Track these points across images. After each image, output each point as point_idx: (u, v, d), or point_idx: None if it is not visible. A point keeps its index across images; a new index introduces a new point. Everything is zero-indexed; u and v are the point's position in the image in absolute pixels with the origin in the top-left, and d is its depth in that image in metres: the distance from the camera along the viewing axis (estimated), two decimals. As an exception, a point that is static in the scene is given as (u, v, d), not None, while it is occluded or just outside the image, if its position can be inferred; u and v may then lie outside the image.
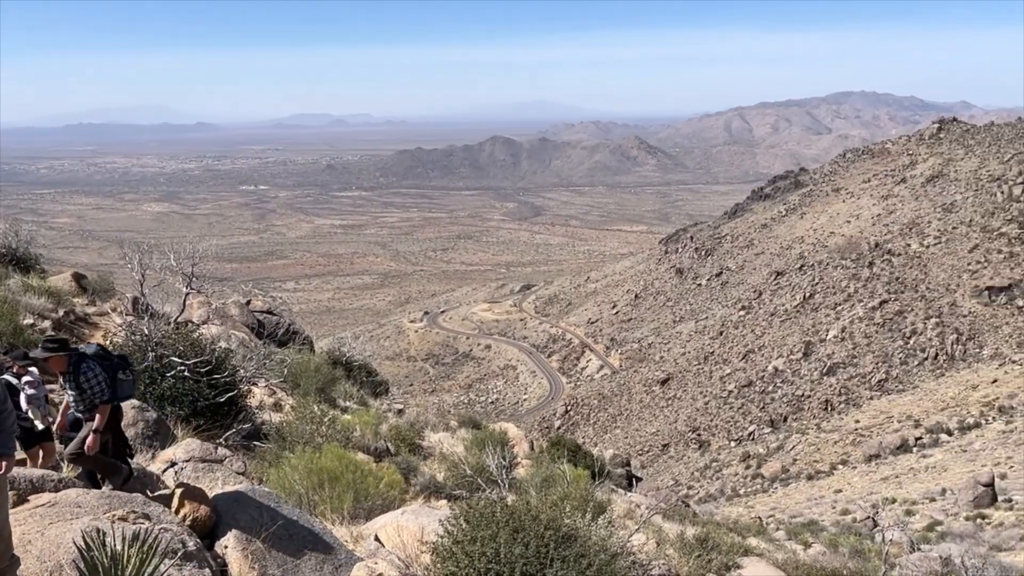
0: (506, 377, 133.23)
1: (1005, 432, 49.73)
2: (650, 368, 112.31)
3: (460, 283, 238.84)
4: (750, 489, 58.67)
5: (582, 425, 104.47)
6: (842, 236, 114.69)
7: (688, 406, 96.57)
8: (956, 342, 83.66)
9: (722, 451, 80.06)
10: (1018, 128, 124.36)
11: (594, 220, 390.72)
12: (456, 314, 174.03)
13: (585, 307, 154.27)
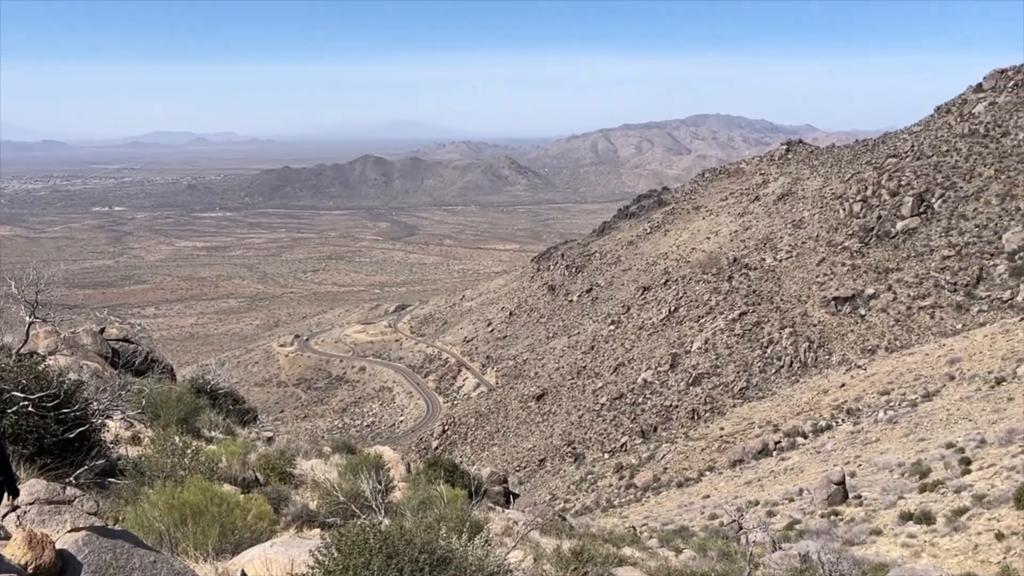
0: (382, 399, 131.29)
1: (853, 433, 53.28)
2: (526, 384, 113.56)
3: (332, 305, 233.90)
4: (624, 499, 60.14)
5: (460, 444, 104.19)
6: (703, 252, 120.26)
7: (563, 420, 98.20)
8: (808, 350, 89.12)
9: (597, 463, 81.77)
10: (856, 150, 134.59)
11: (467, 239, 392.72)
12: (328, 336, 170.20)
13: (461, 326, 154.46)
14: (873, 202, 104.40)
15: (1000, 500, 22.65)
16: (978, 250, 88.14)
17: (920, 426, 47.72)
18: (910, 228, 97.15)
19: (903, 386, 63.07)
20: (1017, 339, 62.64)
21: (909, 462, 35.26)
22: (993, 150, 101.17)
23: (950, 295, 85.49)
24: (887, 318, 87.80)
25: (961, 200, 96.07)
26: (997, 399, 47.30)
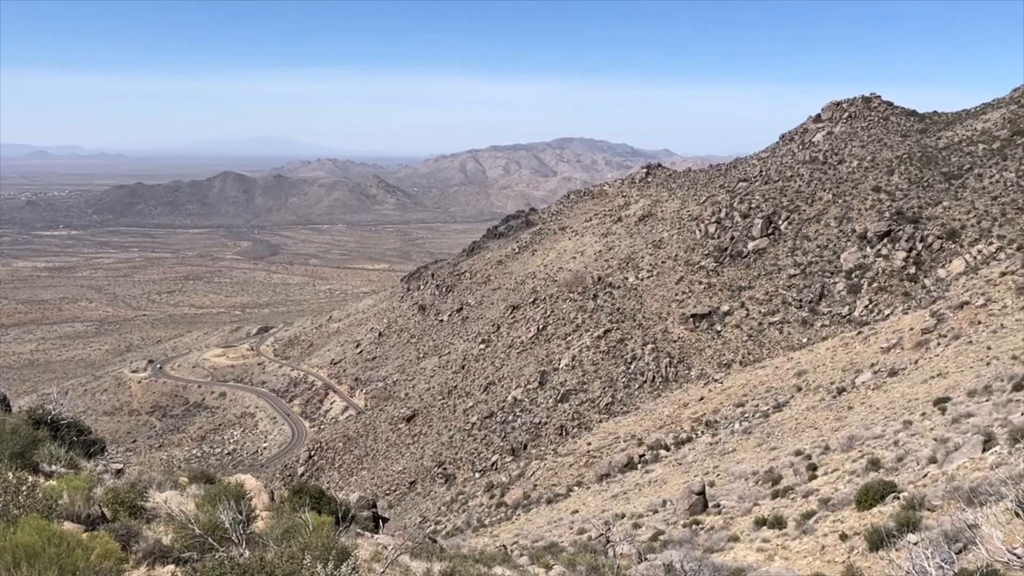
0: (243, 426, 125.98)
1: (712, 444, 55.72)
2: (395, 406, 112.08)
3: (190, 328, 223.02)
4: (495, 518, 60.21)
5: (327, 470, 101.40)
6: (569, 271, 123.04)
7: (434, 441, 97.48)
8: (669, 365, 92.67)
9: (468, 483, 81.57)
10: (710, 173, 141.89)
11: (335, 258, 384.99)
12: (186, 361, 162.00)
13: (328, 347, 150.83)
14: (726, 223, 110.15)
15: (843, 503, 24.19)
16: (820, 269, 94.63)
17: (772, 435, 50.44)
18: (760, 248, 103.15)
19: (756, 398, 66.58)
20: (855, 351, 67.53)
21: (763, 470, 37.13)
22: (831, 176, 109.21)
23: (796, 311, 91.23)
24: (741, 333, 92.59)
25: (804, 222, 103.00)
26: (839, 408, 50.72)
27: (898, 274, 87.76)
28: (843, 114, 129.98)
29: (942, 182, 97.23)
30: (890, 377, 54.44)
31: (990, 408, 31.43)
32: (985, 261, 79.04)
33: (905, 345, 62.94)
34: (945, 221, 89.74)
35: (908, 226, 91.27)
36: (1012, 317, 56.78)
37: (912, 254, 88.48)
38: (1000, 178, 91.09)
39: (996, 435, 24.90)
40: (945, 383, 44.62)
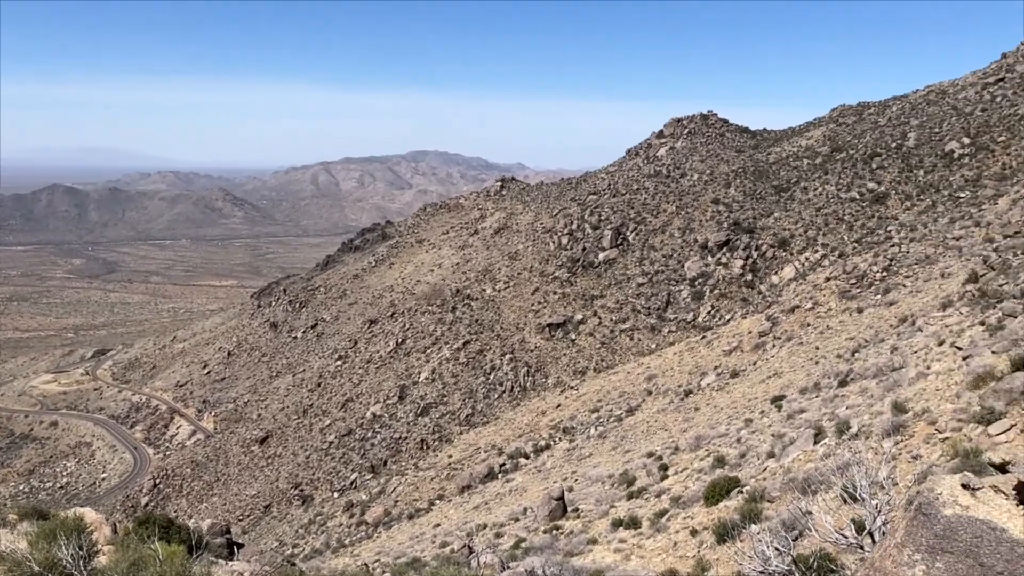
0: (79, 456, 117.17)
1: (570, 450, 57.11)
2: (248, 427, 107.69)
3: (15, 353, 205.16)
4: (355, 537, 59.01)
5: (175, 498, 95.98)
6: (427, 284, 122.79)
7: (289, 462, 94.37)
8: (527, 374, 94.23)
9: (326, 503, 79.50)
10: (562, 187, 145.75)
11: (178, 275, 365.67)
12: (10, 389, 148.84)
13: (173, 369, 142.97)
14: (578, 235, 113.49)
15: (693, 500, 25.45)
16: (666, 277, 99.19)
17: (626, 439, 52.30)
18: (610, 258, 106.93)
19: (610, 403, 68.82)
20: (700, 355, 71.22)
21: (618, 473, 38.42)
22: (674, 189, 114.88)
23: (645, 318, 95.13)
24: (594, 341, 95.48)
25: (651, 233, 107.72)
26: (687, 409, 53.29)
27: (737, 281, 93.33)
28: (684, 130, 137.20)
29: (773, 194, 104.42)
30: (732, 378, 57.78)
31: (819, 404, 33.96)
32: (812, 268, 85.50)
33: (745, 347, 67.02)
34: (776, 231, 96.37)
35: (744, 236, 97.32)
36: (836, 319, 61.68)
37: (748, 262, 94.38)
38: (823, 191, 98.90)
39: (825, 428, 26.94)
40: (780, 382, 47.85)
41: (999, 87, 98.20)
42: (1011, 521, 5.23)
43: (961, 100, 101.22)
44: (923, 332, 39.14)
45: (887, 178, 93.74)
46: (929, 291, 53.47)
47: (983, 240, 59.00)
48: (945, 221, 74.55)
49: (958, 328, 35.43)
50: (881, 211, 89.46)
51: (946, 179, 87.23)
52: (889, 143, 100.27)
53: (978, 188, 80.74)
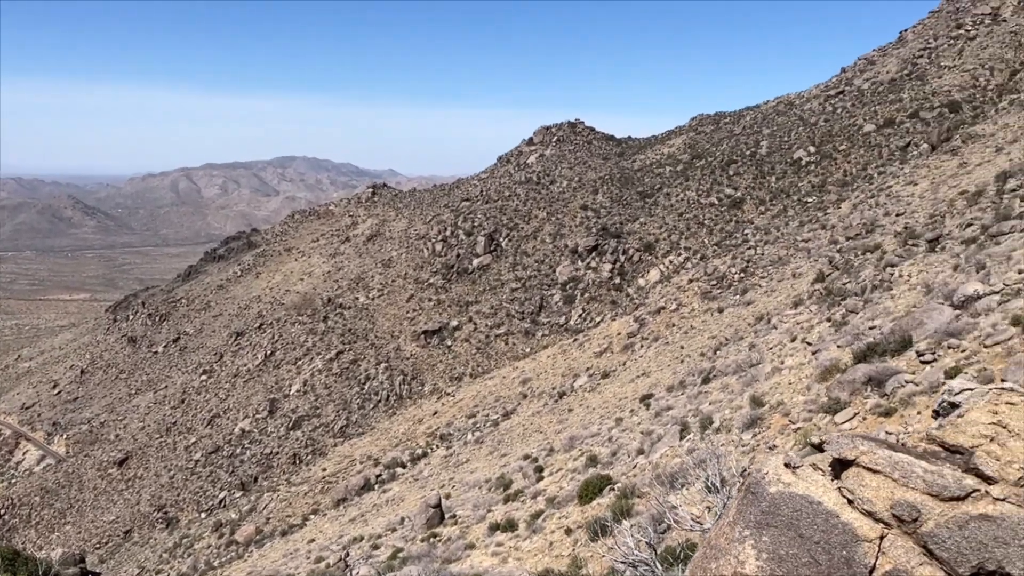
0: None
1: (447, 456, 56.92)
2: (104, 449, 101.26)
3: None
4: (225, 558, 56.55)
5: (22, 528, 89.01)
6: (297, 293, 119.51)
7: (152, 484, 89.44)
8: (403, 382, 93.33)
9: (193, 525, 75.83)
10: (435, 193, 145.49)
11: (22, 289, 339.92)
12: None
13: (17, 391, 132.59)
14: (452, 241, 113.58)
15: (567, 499, 25.89)
16: (538, 282, 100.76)
17: (502, 443, 52.65)
18: (484, 264, 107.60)
19: (486, 408, 69.15)
20: (572, 357, 72.69)
21: (495, 477, 38.61)
22: (545, 195, 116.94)
23: (519, 323, 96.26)
24: (470, 347, 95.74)
25: (523, 239, 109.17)
26: (560, 411, 54.23)
27: (606, 284, 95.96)
28: (552, 138, 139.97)
29: (638, 200, 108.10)
30: (603, 379, 59.29)
31: (685, 400, 35.32)
32: (676, 270, 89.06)
33: (615, 349, 68.95)
34: (642, 235, 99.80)
35: (612, 240, 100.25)
36: (699, 319, 64.44)
37: (617, 266, 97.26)
38: (684, 196, 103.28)
39: (690, 424, 28.04)
40: (649, 381, 49.49)
41: (839, 99, 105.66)
42: (826, 495, 5.76)
43: (807, 111, 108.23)
44: (777, 329, 41.44)
45: (743, 184, 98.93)
46: (782, 290, 56.74)
47: (828, 242, 63.20)
48: (795, 224, 79.41)
49: (808, 324, 37.74)
50: (738, 215, 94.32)
51: (795, 185, 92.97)
52: (744, 151, 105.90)
53: (823, 193, 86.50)
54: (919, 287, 31.94)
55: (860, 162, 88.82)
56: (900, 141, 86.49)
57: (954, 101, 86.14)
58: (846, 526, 5.52)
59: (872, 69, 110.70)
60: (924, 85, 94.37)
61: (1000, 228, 32.75)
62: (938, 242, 38.94)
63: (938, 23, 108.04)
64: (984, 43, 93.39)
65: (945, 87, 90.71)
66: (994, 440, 5.62)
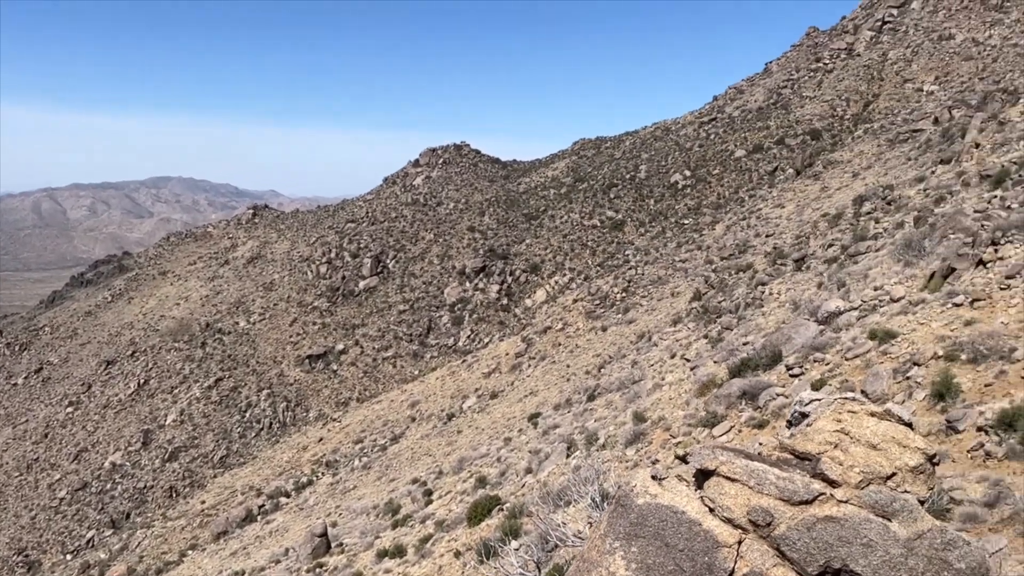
0: None
1: (333, 484, 55.66)
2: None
3: None
4: (94, 603, 53.23)
5: None
6: (173, 319, 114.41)
7: (11, 525, 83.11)
8: (287, 409, 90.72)
9: (57, 568, 70.94)
10: (319, 215, 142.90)
11: None
12: None
13: None
14: (337, 263, 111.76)
15: (456, 522, 25.85)
16: (426, 304, 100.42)
17: (390, 467, 52.01)
18: (371, 287, 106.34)
19: (374, 432, 68.15)
20: (462, 378, 72.73)
21: (383, 502, 38.09)
22: (432, 217, 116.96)
23: (407, 345, 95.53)
24: (356, 371, 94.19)
25: (410, 260, 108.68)
26: (450, 433, 54.11)
27: (493, 305, 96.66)
28: (439, 160, 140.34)
29: (524, 222, 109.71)
30: (492, 399, 59.59)
31: (571, 418, 35.99)
32: (561, 290, 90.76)
33: (503, 369, 69.46)
34: (528, 256, 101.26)
35: (499, 262, 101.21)
36: (584, 338, 65.87)
37: (504, 287, 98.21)
38: (568, 218, 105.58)
39: (576, 441, 28.59)
40: (536, 400, 50.11)
41: (712, 126, 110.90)
42: (689, 504, 6.09)
43: (682, 136, 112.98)
44: (658, 346, 42.90)
45: (624, 206, 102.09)
46: (662, 309, 58.80)
47: (704, 262, 66.03)
48: (673, 245, 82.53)
49: (687, 341, 39.25)
50: (619, 237, 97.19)
51: (672, 207, 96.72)
52: (624, 174, 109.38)
53: (699, 216, 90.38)
54: (787, 304, 33.82)
55: (732, 185, 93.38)
56: (768, 166, 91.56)
57: (815, 129, 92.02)
58: (708, 533, 5.86)
59: (741, 98, 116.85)
60: (788, 114, 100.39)
61: (858, 248, 35.15)
62: (804, 261, 41.39)
63: (800, 56, 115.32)
64: (841, 76, 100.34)
65: (807, 116, 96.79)
66: (838, 446, 6.10)
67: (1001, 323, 16.98)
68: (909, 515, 5.95)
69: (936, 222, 28.18)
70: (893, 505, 5.96)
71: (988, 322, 17.27)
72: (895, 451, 6.26)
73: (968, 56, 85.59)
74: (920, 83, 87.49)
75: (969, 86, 75.41)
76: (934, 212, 31.02)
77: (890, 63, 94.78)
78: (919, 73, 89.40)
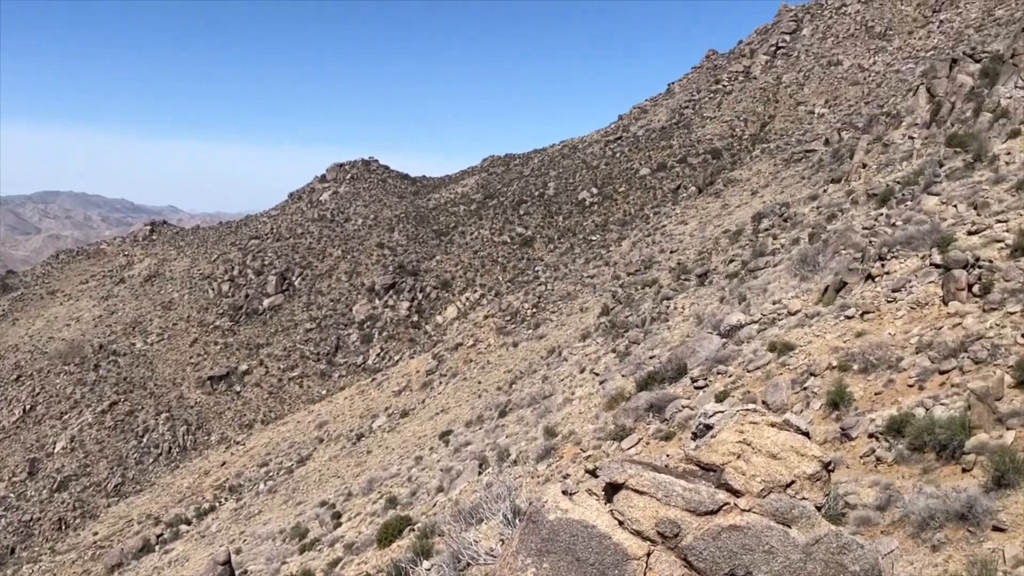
0: None
1: (237, 509, 53.81)
2: None
3: None
4: (-26, 646, 49.77)
5: None
6: (63, 340, 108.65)
7: None
8: (187, 433, 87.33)
9: (-68, 612, 66.06)
10: (221, 231, 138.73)
11: None
12: None
13: None
14: (240, 281, 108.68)
15: (366, 544, 25.37)
16: (334, 322, 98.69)
17: (297, 490, 50.69)
18: (276, 305, 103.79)
19: (280, 455, 66.34)
20: (371, 397, 71.69)
21: (289, 527, 37.06)
22: (339, 233, 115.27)
23: (315, 364, 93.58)
24: (261, 392, 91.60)
25: (317, 277, 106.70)
26: (359, 454, 53.19)
27: (404, 322, 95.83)
28: (346, 175, 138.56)
29: (434, 238, 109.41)
30: (403, 418, 58.93)
31: (483, 435, 35.94)
32: (472, 307, 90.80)
33: (413, 387, 68.85)
34: (439, 273, 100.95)
35: (409, 278, 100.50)
36: (495, 354, 66.00)
37: (414, 303, 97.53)
38: (479, 235, 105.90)
39: (488, 458, 28.55)
40: (448, 417, 49.84)
41: (618, 144, 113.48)
42: (599, 518, 6.18)
43: (589, 155, 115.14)
44: (568, 361, 43.38)
45: (533, 223, 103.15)
46: (572, 324, 59.55)
47: (612, 277, 67.32)
48: (581, 261, 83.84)
49: (596, 356, 39.84)
50: (529, 253, 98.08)
51: (581, 224, 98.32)
52: (533, 191, 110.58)
53: (606, 232, 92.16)
54: (691, 318, 34.79)
55: (638, 203, 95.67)
56: (672, 184, 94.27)
57: (716, 149, 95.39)
58: (617, 546, 5.92)
59: (645, 117, 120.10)
60: (690, 133, 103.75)
61: (757, 263, 36.50)
62: (707, 276, 42.70)
63: (700, 78, 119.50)
64: (739, 97, 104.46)
65: (708, 136, 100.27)
66: (740, 457, 6.28)
67: (889, 334, 17.89)
68: (807, 521, 6.16)
69: (829, 238, 29.55)
70: (792, 512, 6.17)
71: (877, 333, 18.17)
72: (794, 460, 6.49)
73: (855, 81, 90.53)
74: (812, 106, 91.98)
75: (856, 109, 79.74)
76: (827, 229, 32.53)
77: (784, 86, 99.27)
78: (811, 96, 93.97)
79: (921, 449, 12.93)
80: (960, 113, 34.57)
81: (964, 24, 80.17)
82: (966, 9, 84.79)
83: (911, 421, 13.53)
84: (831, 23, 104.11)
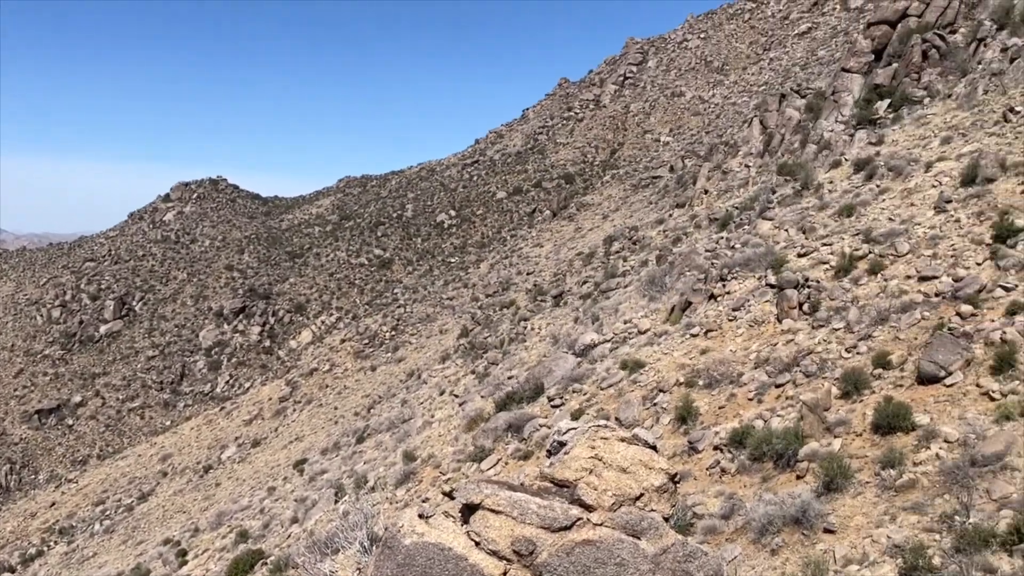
0: None
1: (68, 553, 49.73)
2: None
3: None
4: None
5: None
6: None
7: None
8: (11, 472, 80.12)
9: None
10: (51, 253, 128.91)
11: None
12: None
13: None
14: (73, 307, 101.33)
15: (214, 581, 24.08)
16: (179, 348, 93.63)
17: (138, 529, 47.51)
18: (114, 331, 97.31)
19: (119, 492, 62.01)
20: (220, 427, 68.39)
21: (128, 568, 34.67)
22: (185, 255, 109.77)
23: (157, 394, 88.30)
24: (97, 425, 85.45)
25: (160, 302, 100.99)
26: (207, 487, 50.53)
27: (255, 348, 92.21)
28: (192, 195, 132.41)
29: (287, 260, 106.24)
30: (254, 448, 56.55)
31: (339, 462, 35.07)
32: (328, 330, 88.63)
33: (265, 415, 66.28)
34: (293, 296, 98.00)
35: (261, 302, 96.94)
36: (353, 378, 64.70)
37: (266, 328, 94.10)
38: (335, 256, 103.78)
39: (345, 485, 27.86)
40: (303, 446, 48.29)
41: (475, 168, 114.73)
42: (456, 540, 6.18)
43: (447, 177, 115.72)
44: (428, 384, 43.15)
45: (391, 245, 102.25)
46: (431, 346, 59.33)
47: (471, 299, 67.72)
48: (441, 283, 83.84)
49: (455, 377, 39.86)
50: (388, 275, 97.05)
51: (439, 246, 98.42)
52: (391, 213, 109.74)
53: (464, 254, 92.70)
54: (548, 338, 35.50)
55: (495, 225, 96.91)
56: (527, 207, 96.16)
57: (569, 174, 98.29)
58: (474, 567, 5.90)
59: (501, 142, 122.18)
60: (545, 159, 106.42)
61: (608, 284, 37.79)
62: (562, 297, 43.77)
63: (553, 104, 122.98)
64: (590, 125, 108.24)
65: (561, 161, 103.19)
66: (592, 472, 6.44)
67: (730, 351, 18.95)
68: (656, 532, 6.39)
69: (675, 260, 31.04)
70: (642, 524, 6.38)
71: (720, 350, 19.20)
72: (642, 473, 6.72)
73: (696, 112, 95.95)
74: (657, 134, 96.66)
75: (698, 138, 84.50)
76: (673, 251, 34.16)
77: (632, 115, 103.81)
78: (656, 125, 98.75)
79: (761, 459, 13.75)
80: (789, 144, 37.36)
81: (791, 62, 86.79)
82: (792, 48, 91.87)
83: (751, 433, 14.37)
84: (674, 56, 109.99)
